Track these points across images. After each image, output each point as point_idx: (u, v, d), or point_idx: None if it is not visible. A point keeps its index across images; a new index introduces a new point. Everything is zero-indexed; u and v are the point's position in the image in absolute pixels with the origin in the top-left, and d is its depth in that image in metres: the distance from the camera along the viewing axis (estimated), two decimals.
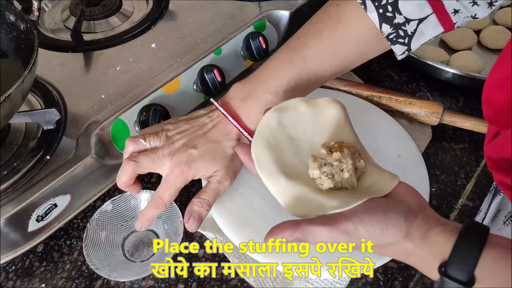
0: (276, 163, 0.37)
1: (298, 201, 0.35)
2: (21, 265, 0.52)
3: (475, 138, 0.64)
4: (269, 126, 0.38)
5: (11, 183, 0.49)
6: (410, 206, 0.35)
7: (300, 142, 0.39)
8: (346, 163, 0.36)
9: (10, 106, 0.45)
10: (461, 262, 0.31)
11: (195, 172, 0.46)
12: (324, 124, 0.40)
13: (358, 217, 0.33)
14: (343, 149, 0.37)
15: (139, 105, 0.56)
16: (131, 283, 0.50)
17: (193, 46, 0.64)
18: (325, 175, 0.36)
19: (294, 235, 0.33)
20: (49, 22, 0.71)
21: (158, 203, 0.46)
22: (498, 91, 0.37)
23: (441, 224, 0.34)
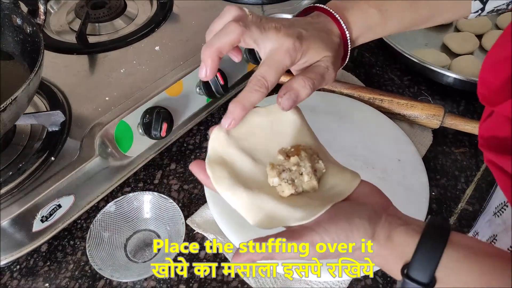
0: (233, 177, 0.36)
1: (262, 213, 0.35)
2: (25, 265, 0.53)
3: (476, 142, 0.64)
4: (219, 141, 0.37)
5: (16, 183, 0.49)
6: (373, 208, 0.35)
7: (256, 152, 0.38)
8: (305, 166, 0.36)
9: (16, 108, 0.46)
10: (422, 264, 0.32)
11: (306, 48, 0.39)
12: (279, 130, 0.39)
13: (322, 227, 0.33)
14: (300, 153, 0.36)
15: (142, 108, 0.57)
16: (133, 284, 0.51)
17: (197, 49, 0.64)
18: (285, 182, 0.35)
19: (261, 254, 0.33)
20: (54, 24, 0.72)
21: (261, 84, 0.37)
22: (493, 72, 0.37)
23: (404, 224, 0.34)
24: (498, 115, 0.38)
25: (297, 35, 0.39)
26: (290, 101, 0.38)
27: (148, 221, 0.55)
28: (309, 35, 0.40)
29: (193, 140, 0.66)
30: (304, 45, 0.39)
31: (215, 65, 0.38)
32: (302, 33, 0.39)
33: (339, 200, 0.35)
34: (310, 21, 0.43)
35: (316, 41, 0.40)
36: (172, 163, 0.63)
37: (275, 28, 0.39)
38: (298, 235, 0.33)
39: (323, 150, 0.40)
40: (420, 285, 0.32)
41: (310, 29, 0.41)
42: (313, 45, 0.40)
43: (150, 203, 0.55)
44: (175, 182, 0.61)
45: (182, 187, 0.60)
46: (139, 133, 0.57)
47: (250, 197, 0.35)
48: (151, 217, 0.55)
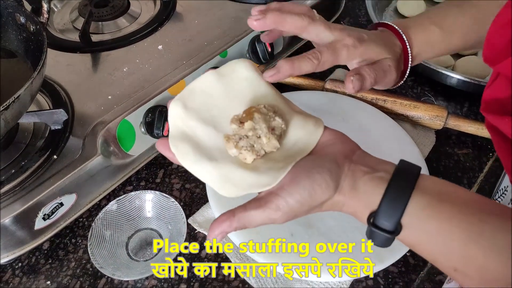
0: (197, 150, 0.36)
1: (229, 182, 0.35)
2: (27, 262, 0.53)
3: (479, 143, 0.64)
4: (178, 116, 0.37)
5: (19, 181, 0.50)
6: (334, 157, 0.35)
7: (217, 120, 0.38)
8: (260, 128, 0.35)
9: (19, 107, 0.46)
10: (388, 212, 0.32)
11: (365, 50, 0.42)
12: (235, 92, 0.39)
13: (285, 190, 0.33)
14: (253, 116, 0.36)
15: (145, 107, 0.57)
16: (134, 282, 0.51)
17: (199, 48, 0.64)
18: (245, 149, 0.35)
19: (233, 225, 0.34)
20: (57, 23, 0.72)
21: (315, 56, 0.39)
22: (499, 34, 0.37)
23: (371, 171, 0.34)
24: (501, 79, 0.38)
25: (359, 37, 0.42)
26: (359, 83, 0.41)
27: (150, 220, 0.55)
28: (370, 39, 0.43)
29: None
30: (363, 46, 0.42)
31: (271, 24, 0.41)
32: (364, 36, 0.43)
33: (302, 156, 0.35)
34: (375, 32, 0.46)
35: (377, 45, 0.43)
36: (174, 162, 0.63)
37: (340, 28, 0.42)
38: (264, 203, 0.34)
39: (286, 101, 0.39)
40: (386, 232, 0.33)
41: (373, 36, 0.44)
42: (373, 48, 0.43)
43: (151, 202, 0.55)
44: (177, 181, 0.61)
45: (184, 186, 0.60)
46: (142, 132, 0.57)
47: (216, 168, 0.35)
48: (153, 216, 0.55)
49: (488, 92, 0.40)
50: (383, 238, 0.33)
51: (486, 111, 0.40)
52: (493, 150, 0.63)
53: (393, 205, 0.32)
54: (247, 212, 0.34)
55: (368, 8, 0.80)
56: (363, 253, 0.50)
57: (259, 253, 0.50)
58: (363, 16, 0.86)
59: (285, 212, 0.33)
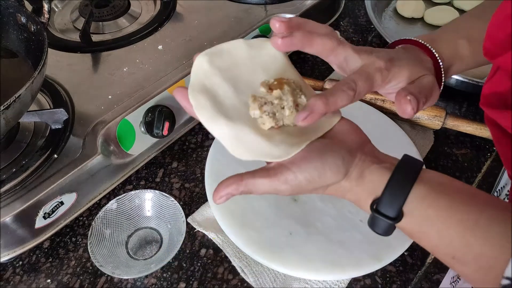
0: (215, 105, 0.36)
1: (241, 144, 0.35)
2: (27, 261, 0.53)
3: (477, 144, 0.64)
4: (202, 69, 0.37)
5: (19, 180, 0.50)
6: (349, 146, 0.36)
7: (239, 83, 0.38)
8: (287, 100, 0.36)
9: (20, 106, 0.46)
10: (391, 199, 0.34)
11: (399, 71, 0.39)
12: (262, 64, 0.39)
13: (296, 165, 0.34)
14: (283, 86, 0.36)
15: (145, 106, 0.57)
16: (134, 281, 0.51)
17: (199, 48, 0.63)
18: (266, 114, 0.35)
19: (239, 189, 0.35)
20: (58, 23, 0.73)
21: (350, 86, 0.36)
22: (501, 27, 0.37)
23: (378, 162, 0.36)
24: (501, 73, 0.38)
25: (389, 58, 0.39)
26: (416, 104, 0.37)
27: (150, 219, 0.55)
28: (400, 59, 0.40)
29: (195, 139, 0.66)
30: (396, 68, 0.39)
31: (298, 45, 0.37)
32: (393, 57, 0.40)
33: (316, 137, 0.36)
34: (400, 50, 0.43)
35: (409, 64, 0.40)
36: (173, 162, 0.63)
37: (366, 51, 0.39)
38: (273, 173, 0.34)
39: (306, 84, 0.40)
40: (387, 219, 0.34)
41: (401, 55, 0.41)
42: (407, 67, 0.40)
43: (151, 201, 0.55)
44: (177, 180, 0.61)
45: (183, 185, 0.60)
46: (141, 131, 0.57)
47: (231, 128, 0.35)
48: (153, 215, 0.55)
49: (487, 86, 0.40)
50: (385, 225, 0.34)
51: (486, 105, 0.40)
52: (491, 150, 0.64)
53: (396, 192, 0.34)
54: (255, 179, 0.34)
55: (368, 9, 0.80)
56: (361, 252, 0.50)
57: (257, 252, 0.50)
58: (362, 16, 0.87)
59: (292, 186, 0.34)
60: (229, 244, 0.53)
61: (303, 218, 0.54)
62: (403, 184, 0.34)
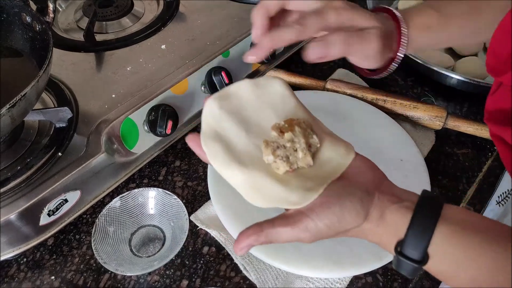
0: (227, 152, 0.36)
1: (257, 190, 0.35)
2: (32, 258, 0.54)
3: (478, 143, 0.65)
4: (212, 115, 0.38)
5: (24, 178, 0.50)
6: (366, 187, 0.35)
7: (250, 125, 0.38)
8: (299, 142, 0.36)
9: (25, 105, 0.46)
10: (415, 241, 0.33)
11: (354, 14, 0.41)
12: (269, 103, 0.39)
13: (315, 212, 0.34)
14: (294, 128, 0.36)
15: (148, 105, 0.58)
16: (137, 277, 0.52)
17: (202, 48, 0.65)
18: (280, 159, 0.35)
19: (260, 240, 0.34)
20: (62, 22, 0.73)
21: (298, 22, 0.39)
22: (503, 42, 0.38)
23: (397, 201, 0.35)
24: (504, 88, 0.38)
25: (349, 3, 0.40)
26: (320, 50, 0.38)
27: (153, 216, 0.56)
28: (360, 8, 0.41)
29: None
30: (353, 10, 0.40)
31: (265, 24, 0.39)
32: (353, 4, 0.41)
33: (332, 179, 0.35)
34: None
35: (367, 13, 0.41)
36: (176, 160, 0.63)
37: None
38: (293, 221, 0.34)
39: (316, 121, 0.39)
40: (413, 262, 0.33)
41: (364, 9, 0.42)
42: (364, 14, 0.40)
43: (154, 199, 0.56)
44: (180, 179, 0.61)
45: (186, 184, 0.61)
46: (145, 130, 0.58)
47: (245, 174, 0.35)
48: (156, 213, 0.56)
49: (490, 102, 0.41)
50: (411, 267, 0.33)
51: (490, 121, 0.40)
52: (492, 150, 0.64)
53: (420, 234, 0.33)
54: (275, 229, 0.34)
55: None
56: (362, 250, 0.50)
57: (259, 250, 0.50)
58: None
59: (313, 234, 0.34)
60: (232, 242, 0.54)
61: None
62: (427, 224, 0.33)
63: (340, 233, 0.35)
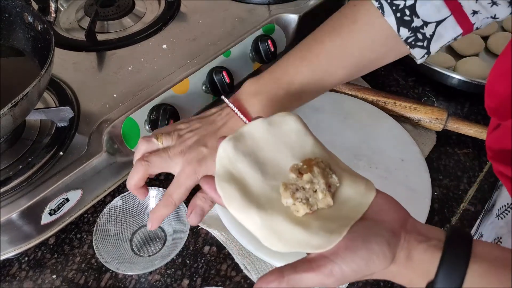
0: (244, 195, 0.35)
1: (277, 235, 0.34)
2: (33, 256, 0.54)
3: (479, 143, 0.65)
4: (227, 157, 0.36)
5: (25, 177, 0.51)
6: (391, 227, 0.33)
7: (266, 166, 0.37)
8: (318, 183, 0.34)
9: (27, 104, 0.47)
10: (447, 282, 0.31)
11: (206, 170, 0.45)
12: (285, 141, 0.38)
13: (340, 256, 0.32)
14: (313, 168, 0.35)
15: (149, 105, 0.58)
16: (138, 277, 0.52)
17: (203, 48, 0.65)
18: (299, 201, 0.34)
19: (282, 286, 0.32)
20: (64, 22, 0.73)
21: (168, 202, 0.45)
22: (500, 83, 0.37)
23: (424, 240, 0.33)
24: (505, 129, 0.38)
25: (197, 159, 0.45)
26: (198, 216, 0.44)
27: None
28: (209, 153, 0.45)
29: None
30: (203, 166, 0.45)
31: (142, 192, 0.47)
32: (203, 152, 0.45)
33: (355, 220, 0.34)
34: (216, 122, 0.48)
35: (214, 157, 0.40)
36: None
37: (180, 153, 0.45)
38: (316, 266, 0.32)
39: (333, 157, 0.38)
40: None
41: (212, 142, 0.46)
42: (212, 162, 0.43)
43: (155, 198, 0.56)
44: None
45: None
46: (146, 129, 0.58)
47: (263, 219, 0.34)
48: None
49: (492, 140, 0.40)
50: None
51: (494, 160, 0.39)
52: None
53: (451, 273, 0.31)
54: (298, 275, 0.32)
55: None
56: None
57: (261, 249, 0.51)
58: None
59: (338, 279, 0.32)
60: (233, 241, 0.54)
61: None
62: (458, 263, 0.31)
63: (367, 275, 0.33)
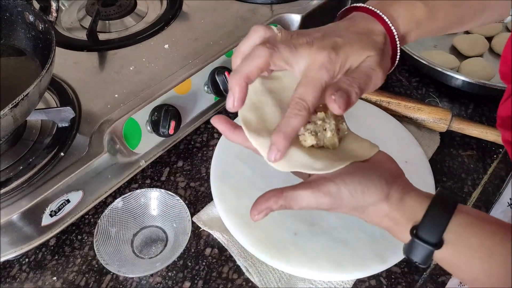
0: (260, 121, 0.38)
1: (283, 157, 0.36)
2: (34, 258, 0.54)
3: (483, 145, 0.64)
4: (254, 89, 0.40)
5: (26, 178, 0.50)
6: (389, 172, 0.37)
7: (286, 105, 0.37)
8: (329, 123, 0.37)
9: (28, 104, 0.46)
10: (432, 225, 0.34)
11: (345, 58, 0.36)
12: None
13: (340, 178, 0.34)
14: (328, 110, 0.38)
15: (151, 105, 0.57)
16: (139, 279, 0.52)
17: (205, 47, 0.65)
18: (309, 132, 0.36)
19: (279, 202, 0.34)
20: (65, 21, 0.73)
21: (300, 108, 0.34)
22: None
23: (416, 190, 0.36)
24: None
25: (332, 46, 0.36)
26: (343, 100, 0.34)
27: (155, 217, 0.56)
28: (345, 42, 0.37)
29: (201, 138, 0.66)
30: (342, 54, 0.36)
31: (244, 93, 0.35)
32: (337, 42, 0.36)
33: (359, 160, 0.37)
34: (347, 25, 0.39)
35: (354, 45, 0.37)
36: (179, 161, 0.63)
37: (306, 43, 0.35)
38: (315, 185, 0.34)
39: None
40: (429, 244, 0.33)
41: (347, 35, 0.37)
42: (352, 50, 0.36)
43: (157, 200, 0.55)
44: (182, 179, 0.61)
45: (188, 184, 0.60)
46: (148, 130, 0.58)
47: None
48: (158, 214, 0.55)
49: (503, 108, 0.40)
50: (424, 252, 0.34)
51: (503, 127, 0.40)
52: (498, 152, 0.63)
53: (437, 218, 0.34)
54: (296, 191, 0.34)
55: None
56: (366, 252, 0.50)
57: (262, 252, 0.50)
58: None
59: (334, 198, 0.34)
60: (234, 243, 0.53)
61: (308, 217, 0.54)
62: (444, 211, 0.34)
63: (358, 207, 0.35)
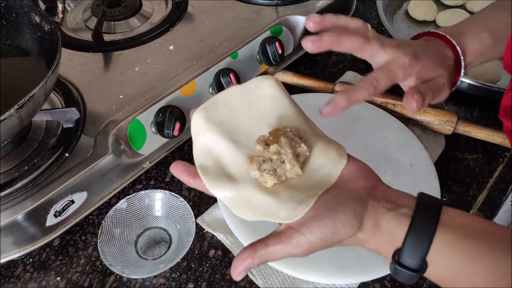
0: (217, 166, 0.35)
1: (246, 204, 0.34)
2: (38, 258, 0.54)
3: (489, 149, 0.64)
4: (200, 127, 0.37)
5: (31, 178, 0.50)
6: (359, 195, 0.34)
7: (239, 135, 0.36)
8: (286, 153, 0.34)
9: (33, 105, 0.46)
10: (413, 250, 0.32)
11: (421, 67, 0.43)
12: (260, 108, 0.38)
13: (306, 226, 0.33)
14: (280, 139, 0.35)
15: (156, 106, 0.57)
16: (143, 280, 0.52)
17: (210, 49, 0.65)
18: (267, 173, 0.34)
19: (255, 262, 0.34)
20: (70, 22, 0.73)
21: (370, 84, 0.40)
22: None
23: (393, 208, 0.34)
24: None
25: (414, 54, 0.42)
26: (421, 101, 0.41)
27: (159, 219, 0.56)
28: (425, 55, 0.43)
29: None
30: (419, 64, 0.42)
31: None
32: (418, 52, 0.43)
33: (324, 189, 0.34)
34: (425, 43, 0.46)
35: (431, 61, 0.43)
36: None
37: (394, 45, 0.42)
38: (285, 238, 0.33)
39: (308, 122, 0.38)
40: (411, 271, 0.32)
41: (426, 50, 0.44)
42: (429, 64, 0.43)
43: (161, 201, 0.55)
44: None
45: None
46: (152, 131, 0.58)
47: (234, 189, 0.34)
48: (162, 215, 0.56)
49: (507, 98, 0.40)
50: (408, 276, 0.33)
51: (505, 117, 0.40)
52: (503, 156, 0.63)
53: (418, 242, 0.32)
54: (268, 248, 0.33)
55: (379, 11, 0.80)
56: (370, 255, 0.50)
57: None
58: (373, 18, 0.86)
59: (306, 248, 0.33)
60: (238, 245, 0.53)
61: None
62: (425, 232, 0.32)
63: (334, 243, 0.34)
